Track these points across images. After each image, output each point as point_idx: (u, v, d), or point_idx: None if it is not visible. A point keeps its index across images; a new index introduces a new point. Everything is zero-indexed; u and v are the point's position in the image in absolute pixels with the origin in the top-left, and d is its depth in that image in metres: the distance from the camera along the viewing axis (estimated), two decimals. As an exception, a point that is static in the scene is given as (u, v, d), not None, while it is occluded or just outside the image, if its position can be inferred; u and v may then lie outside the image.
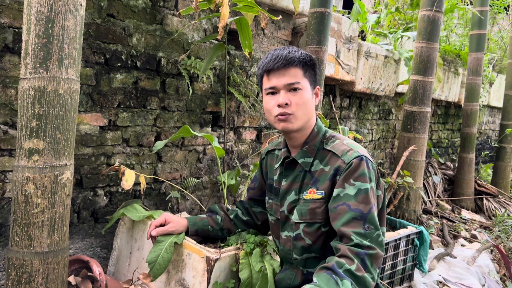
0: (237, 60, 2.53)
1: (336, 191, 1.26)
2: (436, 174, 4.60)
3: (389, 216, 2.53)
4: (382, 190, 1.34)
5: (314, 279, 1.13)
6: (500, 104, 5.81)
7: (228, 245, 1.59)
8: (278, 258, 1.55)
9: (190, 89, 2.27)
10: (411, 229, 2.41)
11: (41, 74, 1.29)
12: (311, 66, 1.34)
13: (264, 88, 1.35)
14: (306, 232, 1.33)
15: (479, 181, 4.52)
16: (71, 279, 1.54)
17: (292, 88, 1.30)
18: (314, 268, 1.34)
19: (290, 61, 1.29)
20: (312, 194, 1.32)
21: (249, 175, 2.63)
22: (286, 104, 1.29)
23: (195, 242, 1.56)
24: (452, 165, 5.00)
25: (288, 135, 1.39)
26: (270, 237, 1.61)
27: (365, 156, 1.28)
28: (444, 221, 3.75)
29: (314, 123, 1.39)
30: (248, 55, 2.10)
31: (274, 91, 1.32)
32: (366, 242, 1.17)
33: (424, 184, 4.34)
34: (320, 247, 1.33)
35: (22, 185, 1.30)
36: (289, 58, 1.29)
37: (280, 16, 2.13)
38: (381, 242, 1.21)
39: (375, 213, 1.23)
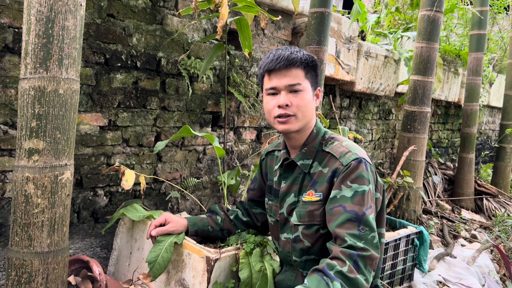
0: (237, 60, 2.53)
1: (333, 193, 1.25)
2: (436, 174, 4.60)
3: (389, 216, 2.53)
4: (380, 192, 1.33)
5: (305, 281, 1.13)
6: (500, 104, 5.81)
7: (228, 245, 1.59)
8: (278, 258, 1.55)
9: (190, 89, 2.27)
10: (411, 229, 2.41)
11: (41, 74, 1.29)
12: (313, 68, 1.33)
13: (264, 88, 1.34)
14: (305, 234, 1.32)
15: (479, 181, 4.52)
16: (71, 279, 1.54)
17: (293, 90, 1.28)
18: None
19: (292, 61, 1.27)
20: (311, 196, 1.31)
21: (249, 175, 2.63)
22: (287, 105, 1.28)
23: (195, 242, 1.56)
24: (452, 165, 5.00)
25: (287, 136, 1.38)
26: (270, 237, 1.61)
27: (363, 158, 1.26)
28: (444, 221, 3.75)
29: (314, 124, 1.38)
30: (248, 55, 2.09)
31: (274, 91, 1.30)
32: (360, 244, 1.15)
33: (424, 184, 4.34)
34: (319, 249, 1.32)
35: (22, 185, 1.30)
36: (291, 58, 1.27)
37: (280, 16, 2.13)
38: (376, 244, 1.19)
39: (371, 216, 1.21)
